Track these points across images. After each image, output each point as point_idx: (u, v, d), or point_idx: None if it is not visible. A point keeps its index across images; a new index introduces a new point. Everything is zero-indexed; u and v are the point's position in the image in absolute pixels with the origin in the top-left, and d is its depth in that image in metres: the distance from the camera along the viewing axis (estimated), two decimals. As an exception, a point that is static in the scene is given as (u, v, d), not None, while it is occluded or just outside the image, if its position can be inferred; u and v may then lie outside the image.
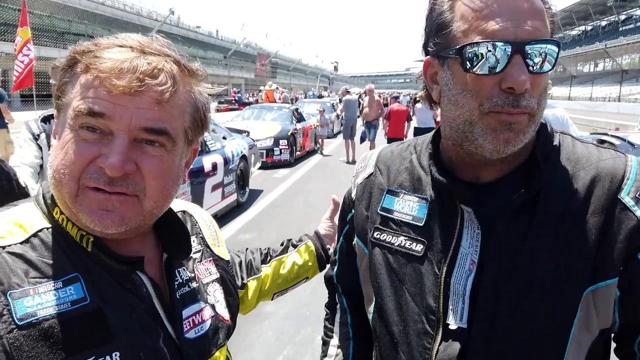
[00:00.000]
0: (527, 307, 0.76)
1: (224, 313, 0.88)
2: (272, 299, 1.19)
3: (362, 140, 11.89)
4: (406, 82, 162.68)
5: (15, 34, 9.00)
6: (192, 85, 0.74)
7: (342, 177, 9.81)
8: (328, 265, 1.17)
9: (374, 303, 0.92)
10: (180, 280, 0.80)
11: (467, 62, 0.74)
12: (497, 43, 0.71)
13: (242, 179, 7.32)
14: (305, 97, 27.92)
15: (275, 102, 20.51)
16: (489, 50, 0.71)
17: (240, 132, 8.45)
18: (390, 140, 12.50)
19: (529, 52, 0.72)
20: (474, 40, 0.73)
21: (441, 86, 0.81)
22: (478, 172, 0.84)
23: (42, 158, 2.56)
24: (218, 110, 20.14)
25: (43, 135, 2.57)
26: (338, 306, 1.09)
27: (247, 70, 56.66)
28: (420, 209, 0.87)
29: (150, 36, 0.73)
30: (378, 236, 0.91)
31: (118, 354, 0.66)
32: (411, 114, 11.68)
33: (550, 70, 0.75)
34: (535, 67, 0.73)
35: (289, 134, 11.31)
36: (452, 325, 0.80)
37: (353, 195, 1.00)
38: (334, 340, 1.07)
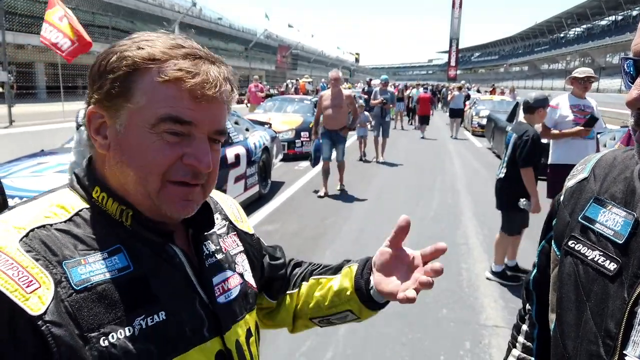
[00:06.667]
0: None
1: (252, 281, 0.97)
2: (314, 325, 1.10)
3: (316, 161, 7.50)
4: (429, 73, 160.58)
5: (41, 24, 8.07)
6: None
7: (363, 171, 9.78)
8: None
9: (556, 313, 0.88)
10: (207, 252, 0.89)
11: None
12: None
13: (265, 171, 7.36)
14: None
15: (308, 93, 20.50)
16: None
17: (262, 123, 8.48)
18: (421, 118, 15.54)
19: None
20: None
21: None
22: None
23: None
24: (240, 102, 20.22)
25: (83, 128, 2.79)
26: (527, 316, 1.07)
27: (267, 62, 56.67)
28: (624, 226, 0.78)
29: (185, 35, 0.81)
30: (573, 245, 0.85)
31: (164, 313, 0.74)
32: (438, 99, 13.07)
33: None
34: None
35: (310, 126, 11.29)
36: (630, 357, 0.72)
37: (561, 198, 0.94)
38: (516, 351, 1.07)
